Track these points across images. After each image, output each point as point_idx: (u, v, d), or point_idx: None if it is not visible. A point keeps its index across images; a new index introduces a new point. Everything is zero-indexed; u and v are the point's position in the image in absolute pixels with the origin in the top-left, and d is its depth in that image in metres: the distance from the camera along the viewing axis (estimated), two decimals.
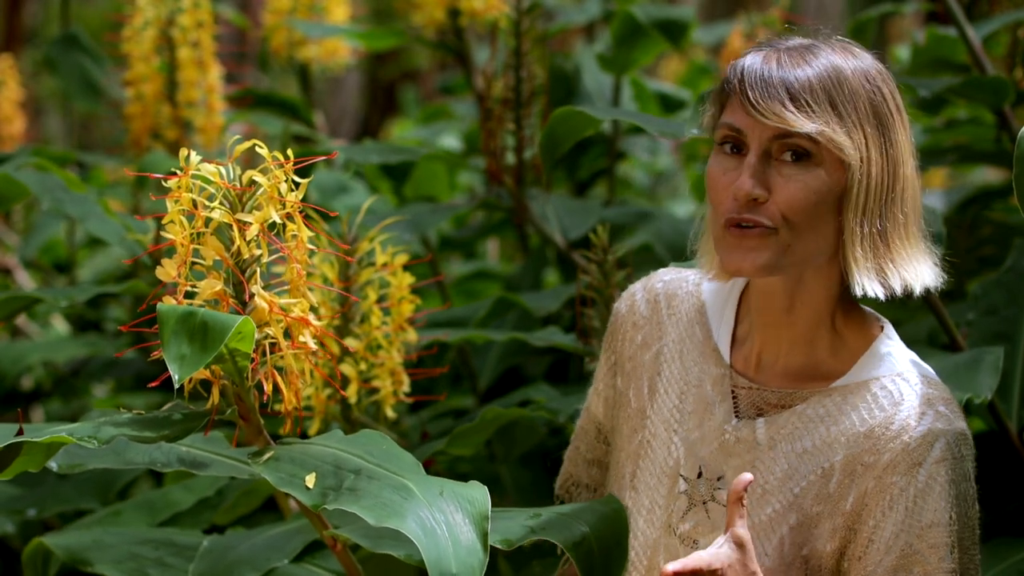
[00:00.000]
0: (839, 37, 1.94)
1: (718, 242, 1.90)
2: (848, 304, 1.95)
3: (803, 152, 1.85)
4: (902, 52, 5.53)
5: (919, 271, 1.91)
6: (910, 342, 2.02)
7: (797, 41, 1.91)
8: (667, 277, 2.10)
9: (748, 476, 1.81)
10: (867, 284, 1.87)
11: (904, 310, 3.42)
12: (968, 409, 2.36)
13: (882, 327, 1.97)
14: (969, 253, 3.53)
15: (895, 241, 1.88)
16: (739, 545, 1.81)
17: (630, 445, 2.06)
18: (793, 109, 1.84)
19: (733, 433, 1.96)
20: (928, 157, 3.87)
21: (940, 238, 2.49)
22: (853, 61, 1.89)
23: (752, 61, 1.88)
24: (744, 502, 1.81)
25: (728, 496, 1.82)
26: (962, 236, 3.51)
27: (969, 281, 3.54)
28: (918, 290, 1.90)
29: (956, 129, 3.97)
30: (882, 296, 1.88)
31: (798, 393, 1.94)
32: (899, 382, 1.91)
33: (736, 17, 4.51)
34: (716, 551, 1.80)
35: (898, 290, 1.88)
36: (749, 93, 1.85)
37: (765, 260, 1.87)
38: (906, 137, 1.90)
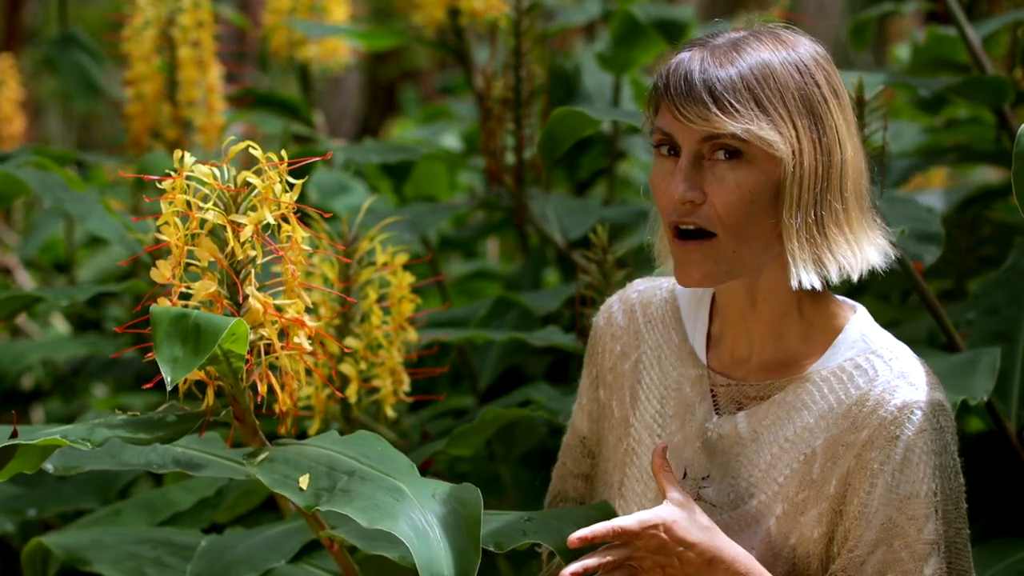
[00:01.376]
0: (773, 25, 1.94)
1: (672, 254, 1.91)
2: (817, 294, 1.94)
3: (734, 151, 1.85)
4: (902, 52, 5.53)
5: (860, 255, 1.90)
6: (909, 342, 2.02)
7: (726, 37, 1.91)
8: (641, 287, 2.11)
9: (663, 443, 1.88)
10: (803, 277, 1.87)
11: (904, 310, 3.42)
12: (965, 410, 2.36)
13: (854, 310, 1.97)
14: (969, 253, 3.53)
15: (831, 229, 1.87)
16: (680, 507, 1.83)
17: (616, 455, 2.06)
18: (716, 111, 1.83)
19: (715, 430, 1.96)
20: (928, 157, 3.87)
21: (939, 238, 2.49)
22: (783, 52, 1.88)
23: (677, 63, 1.88)
24: (668, 468, 1.85)
25: (652, 467, 1.84)
26: (962, 236, 3.51)
27: (969, 281, 3.54)
28: (855, 276, 1.89)
29: (956, 129, 3.97)
30: (819, 286, 1.88)
31: (775, 383, 1.94)
32: (873, 359, 1.90)
33: (736, 16, 4.51)
34: (653, 510, 1.83)
35: (834, 278, 1.88)
36: (674, 98, 1.86)
37: (712, 269, 1.88)
38: (845, 120, 1.89)
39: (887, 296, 3.51)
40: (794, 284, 1.87)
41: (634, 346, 2.07)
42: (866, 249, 1.90)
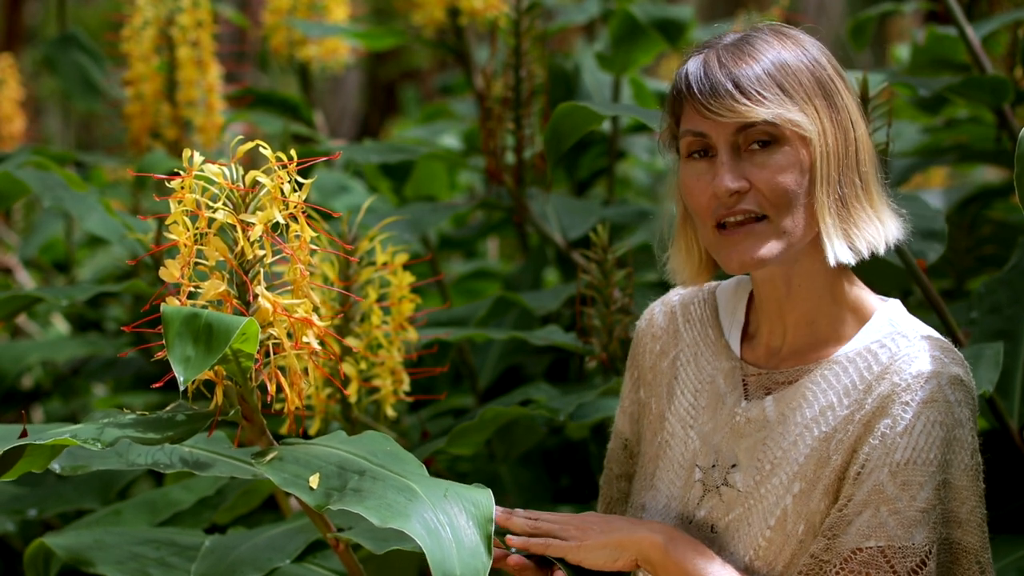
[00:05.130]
0: (766, 23, 2.00)
1: (713, 247, 1.95)
2: (850, 282, 1.99)
3: (768, 138, 1.90)
4: (902, 51, 5.54)
5: (882, 229, 1.95)
6: None
7: (732, 37, 1.97)
8: (683, 290, 2.16)
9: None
10: (838, 250, 1.91)
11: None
12: None
13: (886, 301, 2.00)
14: (969, 252, 3.53)
15: (854, 205, 1.93)
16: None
17: (651, 448, 2.10)
18: (745, 101, 1.89)
19: (744, 414, 1.99)
20: (928, 157, 3.87)
21: (942, 237, 2.50)
22: (788, 41, 1.95)
23: (694, 66, 1.94)
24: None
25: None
26: (962, 235, 3.51)
27: (969, 280, 3.55)
28: (881, 249, 1.94)
29: (956, 128, 3.97)
30: (852, 260, 1.92)
31: (804, 368, 1.97)
32: (898, 339, 1.93)
33: (736, 16, 4.51)
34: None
35: (865, 252, 1.93)
36: (699, 97, 1.91)
37: (765, 249, 1.91)
38: (852, 99, 1.96)
39: (888, 295, 3.51)
40: (831, 259, 1.91)
41: (672, 345, 2.12)
42: (887, 222, 1.96)
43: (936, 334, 1.96)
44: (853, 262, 1.93)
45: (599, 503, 2.25)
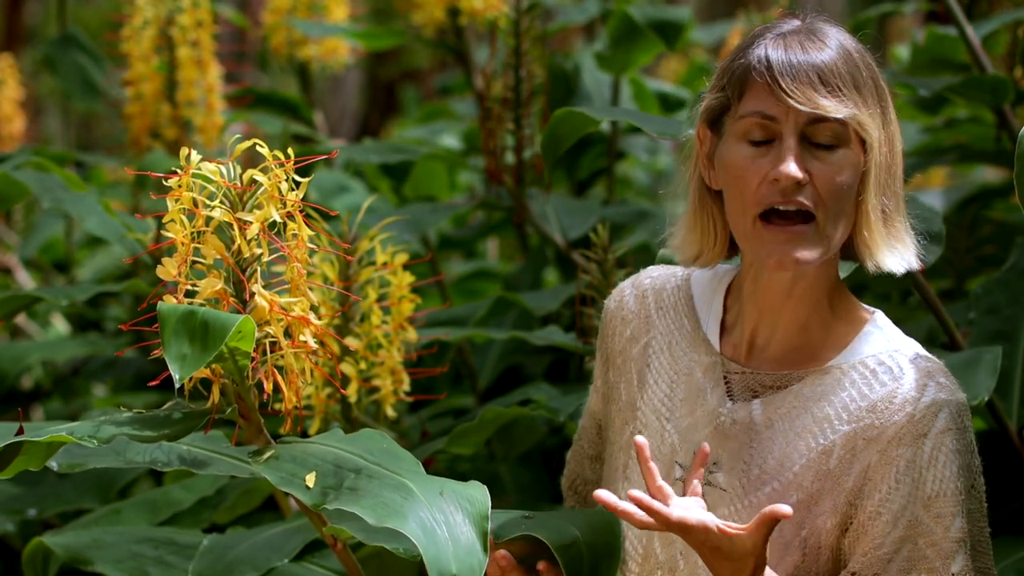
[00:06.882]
0: (815, 14, 1.96)
1: (750, 238, 1.90)
2: (844, 292, 1.98)
3: (834, 135, 1.87)
4: (902, 51, 5.54)
5: (911, 246, 1.93)
6: None
7: (794, 24, 1.92)
8: (655, 273, 2.12)
9: (641, 440, 1.87)
10: (888, 260, 1.90)
11: (904, 309, 3.42)
12: None
13: (873, 312, 1.99)
14: (969, 252, 3.53)
15: (895, 217, 1.92)
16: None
17: (621, 437, 2.06)
18: (826, 94, 1.85)
19: (729, 416, 1.96)
20: (928, 157, 3.87)
21: (940, 238, 2.50)
22: (848, 39, 1.92)
23: (773, 47, 1.88)
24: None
25: (640, 462, 1.85)
26: (962, 235, 3.51)
27: (968, 280, 3.55)
28: (904, 267, 1.92)
29: (956, 128, 3.98)
30: (899, 272, 1.90)
31: (794, 374, 1.95)
32: (897, 356, 1.92)
33: (736, 17, 4.52)
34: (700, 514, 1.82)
35: (901, 268, 1.91)
36: (780, 80, 1.86)
37: (807, 253, 1.88)
38: (895, 113, 1.93)
39: (887, 296, 3.51)
40: (871, 268, 1.90)
41: (644, 331, 2.08)
42: (908, 243, 1.94)
43: (925, 351, 1.95)
44: (899, 273, 1.90)
45: (564, 478, 2.23)
